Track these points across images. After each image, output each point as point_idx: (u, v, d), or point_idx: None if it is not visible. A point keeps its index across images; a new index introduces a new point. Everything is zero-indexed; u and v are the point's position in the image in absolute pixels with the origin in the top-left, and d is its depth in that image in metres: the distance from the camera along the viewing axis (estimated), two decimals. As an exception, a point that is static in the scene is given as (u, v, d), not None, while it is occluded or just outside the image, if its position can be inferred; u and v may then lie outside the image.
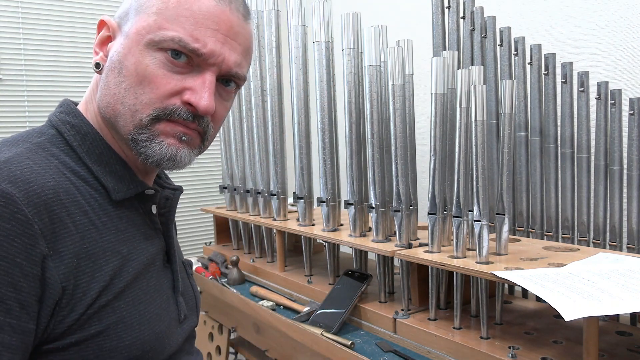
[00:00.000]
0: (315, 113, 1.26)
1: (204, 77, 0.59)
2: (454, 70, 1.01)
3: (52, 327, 0.53)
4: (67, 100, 0.67)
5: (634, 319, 0.99)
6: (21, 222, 0.50)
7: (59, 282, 0.52)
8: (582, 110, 1.10)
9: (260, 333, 1.27)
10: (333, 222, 1.27)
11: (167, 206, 0.72)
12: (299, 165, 1.32)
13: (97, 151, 0.62)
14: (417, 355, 0.96)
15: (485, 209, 0.93)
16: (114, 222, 0.61)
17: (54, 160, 0.59)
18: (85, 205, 0.58)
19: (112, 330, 0.56)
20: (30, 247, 0.50)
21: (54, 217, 0.53)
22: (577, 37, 1.30)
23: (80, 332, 0.54)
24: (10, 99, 1.86)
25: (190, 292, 0.76)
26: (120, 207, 0.63)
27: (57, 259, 0.53)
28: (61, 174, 0.58)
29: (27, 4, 1.87)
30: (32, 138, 0.61)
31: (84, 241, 0.56)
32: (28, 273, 0.50)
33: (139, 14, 0.60)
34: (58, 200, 0.54)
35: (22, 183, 0.52)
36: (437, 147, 1.01)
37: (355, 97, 1.18)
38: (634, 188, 1.02)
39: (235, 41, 0.61)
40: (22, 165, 0.54)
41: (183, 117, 0.59)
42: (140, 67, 0.58)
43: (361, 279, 1.16)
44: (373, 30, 1.11)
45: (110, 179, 0.62)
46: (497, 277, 0.83)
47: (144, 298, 0.62)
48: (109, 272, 0.58)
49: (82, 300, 0.54)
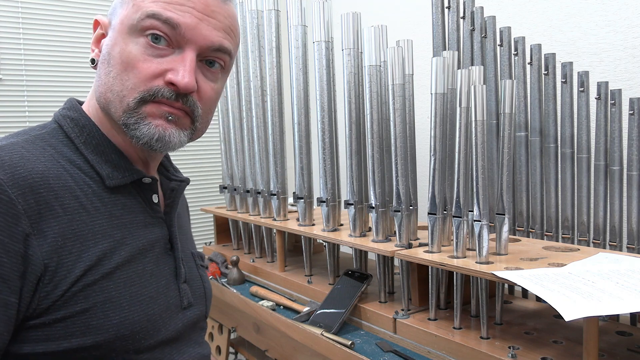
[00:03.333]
0: (315, 113, 1.26)
1: (183, 56, 0.62)
2: (454, 70, 1.01)
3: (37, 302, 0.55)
4: (72, 99, 0.71)
5: (634, 319, 0.99)
6: (4, 202, 0.53)
7: (41, 259, 0.55)
8: (582, 110, 1.10)
9: (260, 333, 1.27)
10: (333, 222, 1.27)
11: (172, 197, 0.74)
12: (299, 165, 1.32)
13: (94, 142, 0.65)
14: (417, 355, 0.96)
15: (485, 209, 0.93)
16: (108, 208, 0.63)
17: (50, 149, 0.62)
18: (76, 190, 0.60)
19: (99, 308, 0.58)
20: (13, 225, 0.53)
21: (40, 199, 0.56)
22: (577, 37, 1.30)
23: (65, 309, 0.56)
24: (10, 99, 1.86)
25: (198, 282, 0.77)
26: (116, 194, 0.65)
27: (41, 237, 0.55)
28: (55, 162, 0.61)
29: (27, 4, 1.87)
30: (33, 131, 0.65)
31: (72, 223, 0.58)
32: (10, 249, 0.52)
33: (122, 5, 0.64)
34: (46, 184, 0.57)
35: (9, 167, 0.55)
36: (437, 147, 1.01)
37: (355, 97, 1.18)
38: (634, 188, 1.02)
39: (213, 18, 0.63)
40: (13, 153, 0.57)
41: (166, 96, 0.61)
42: (124, 54, 0.61)
43: (361, 279, 1.16)
44: (373, 30, 1.11)
45: (105, 167, 0.64)
46: (497, 277, 0.83)
47: (137, 281, 0.63)
48: (97, 253, 0.59)
49: (66, 277, 0.56)
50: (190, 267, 0.76)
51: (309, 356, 1.09)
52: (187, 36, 0.61)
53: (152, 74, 0.61)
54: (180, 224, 0.79)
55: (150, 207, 0.69)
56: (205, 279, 0.80)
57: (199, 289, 0.77)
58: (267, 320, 1.20)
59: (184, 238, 0.79)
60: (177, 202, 0.75)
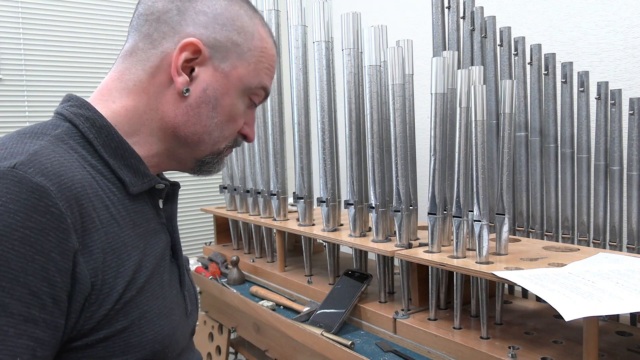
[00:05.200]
0: (315, 113, 1.26)
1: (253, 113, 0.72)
2: (454, 70, 1.01)
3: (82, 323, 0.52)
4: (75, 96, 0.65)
5: (634, 319, 0.99)
6: (56, 215, 0.49)
7: (89, 277, 0.52)
8: (582, 110, 1.10)
9: (260, 333, 1.27)
10: (333, 222, 1.27)
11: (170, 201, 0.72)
12: (299, 165, 1.32)
13: (113, 144, 0.61)
14: (417, 355, 0.96)
15: (485, 209, 0.93)
16: (131, 216, 0.61)
17: (73, 153, 0.58)
18: (106, 200, 0.58)
19: (137, 325, 0.56)
20: (64, 241, 0.50)
21: (83, 212, 0.53)
22: (577, 37, 1.30)
23: (107, 328, 0.54)
24: (10, 99, 1.86)
25: (191, 287, 0.77)
26: (136, 201, 0.63)
27: (87, 254, 0.52)
28: (82, 168, 0.57)
29: (27, 4, 1.87)
30: (48, 130, 0.59)
31: (107, 236, 0.56)
32: (61, 268, 0.50)
33: (241, 59, 0.66)
34: (85, 194, 0.54)
35: (54, 176, 0.51)
36: (437, 147, 1.01)
37: (355, 97, 1.18)
38: (634, 188, 1.02)
39: None
40: (51, 158, 0.53)
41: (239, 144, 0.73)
42: (234, 109, 0.68)
43: (361, 279, 1.16)
44: (373, 30, 1.11)
45: (127, 172, 0.62)
46: (497, 277, 0.83)
47: (160, 293, 0.62)
48: (131, 267, 0.58)
49: (109, 295, 0.54)
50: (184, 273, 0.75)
51: (309, 356, 1.09)
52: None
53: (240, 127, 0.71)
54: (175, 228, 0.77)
55: (157, 213, 0.67)
56: (194, 284, 0.80)
57: (192, 295, 0.76)
58: (267, 320, 1.20)
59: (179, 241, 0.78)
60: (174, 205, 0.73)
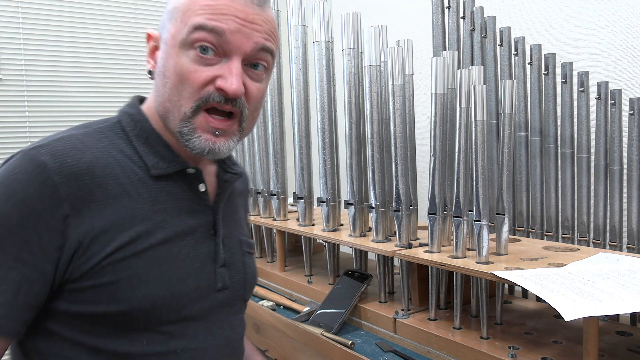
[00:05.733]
0: (315, 113, 1.26)
1: (230, 64, 0.68)
2: (454, 70, 1.01)
3: (70, 271, 0.64)
4: (136, 96, 0.78)
5: (634, 319, 0.99)
6: (50, 186, 0.63)
7: (76, 237, 0.64)
8: (582, 110, 1.10)
9: (260, 333, 1.27)
10: (333, 222, 1.27)
11: (224, 187, 0.80)
12: (299, 165, 1.32)
13: (145, 135, 0.73)
14: (417, 355, 0.96)
15: (485, 209, 0.93)
16: (152, 194, 0.70)
17: (105, 141, 0.71)
18: (121, 178, 0.68)
19: (125, 282, 0.66)
20: (56, 207, 0.63)
21: (83, 186, 0.65)
22: (577, 37, 1.30)
23: (94, 279, 0.65)
24: (10, 99, 1.86)
25: (239, 267, 0.81)
26: (161, 182, 0.72)
27: (79, 218, 0.64)
28: (106, 152, 0.69)
29: (27, 4, 1.87)
30: (96, 124, 0.73)
31: (112, 207, 0.66)
32: (51, 227, 0.62)
33: (171, 20, 0.70)
34: (90, 173, 0.66)
35: (60, 156, 0.64)
36: (437, 147, 1.01)
37: (355, 97, 1.18)
38: (634, 188, 1.02)
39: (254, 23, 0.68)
40: (67, 144, 0.66)
41: (216, 100, 0.68)
42: (177, 66, 0.68)
43: (361, 279, 1.16)
44: (373, 30, 1.11)
45: (152, 157, 0.72)
46: (497, 277, 0.83)
47: (168, 261, 0.69)
48: (131, 234, 0.67)
49: (98, 254, 0.65)
50: (233, 252, 0.80)
51: (309, 356, 1.09)
52: (232, 42, 0.67)
53: (203, 82, 0.67)
54: (233, 211, 0.84)
55: (196, 195, 0.75)
56: (248, 265, 0.83)
57: (238, 273, 0.80)
58: (267, 320, 1.20)
59: (234, 225, 0.83)
60: (227, 192, 0.80)
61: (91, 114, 1.97)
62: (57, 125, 1.91)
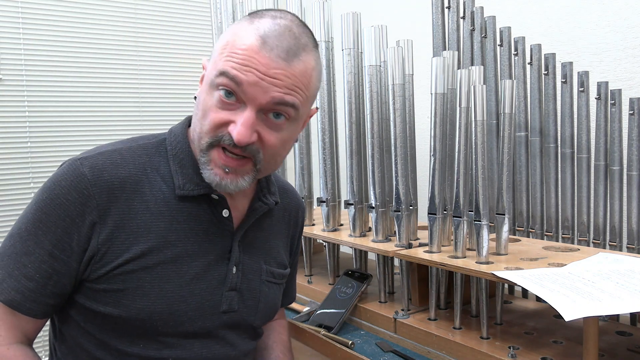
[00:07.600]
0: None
1: (244, 113, 0.71)
2: (454, 70, 1.01)
3: (89, 272, 0.73)
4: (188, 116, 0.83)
5: (634, 319, 0.99)
6: (86, 195, 0.71)
7: (97, 243, 0.72)
8: (582, 110, 1.10)
9: (260, 333, 1.27)
10: (333, 222, 1.27)
11: (250, 215, 0.83)
12: (299, 165, 1.32)
13: (180, 156, 0.78)
14: (417, 355, 0.96)
15: (485, 209, 0.93)
16: (172, 213, 0.76)
17: (144, 157, 0.78)
18: (147, 195, 0.75)
19: (130, 292, 0.72)
20: (88, 213, 0.71)
21: (112, 198, 0.73)
22: (577, 37, 1.30)
23: (106, 284, 0.72)
24: (10, 99, 1.86)
25: (255, 294, 0.84)
26: (185, 203, 0.77)
27: (103, 226, 0.72)
28: (141, 169, 0.76)
29: (27, 4, 1.87)
30: (143, 139, 0.81)
31: (132, 220, 0.73)
32: (81, 230, 0.71)
33: (212, 57, 0.75)
34: (121, 188, 0.73)
35: (98, 170, 0.73)
36: (437, 147, 1.01)
37: (355, 97, 1.18)
38: (634, 188, 1.02)
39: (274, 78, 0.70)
40: (108, 159, 0.74)
41: (227, 142, 0.72)
42: (204, 103, 0.73)
43: (361, 279, 1.16)
44: (373, 30, 1.11)
45: (181, 178, 0.77)
46: (497, 277, 0.83)
47: (174, 279, 0.75)
48: (142, 248, 0.73)
49: (112, 262, 0.72)
50: (249, 279, 0.83)
51: (309, 356, 1.09)
52: (248, 93, 0.70)
53: (219, 123, 0.71)
54: (265, 238, 0.87)
55: (218, 220, 0.79)
56: (266, 293, 0.85)
57: (252, 299, 0.83)
58: (267, 320, 1.20)
59: (262, 252, 0.86)
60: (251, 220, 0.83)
61: (91, 113, 1.97)
62: (57, 125, 1.91)
